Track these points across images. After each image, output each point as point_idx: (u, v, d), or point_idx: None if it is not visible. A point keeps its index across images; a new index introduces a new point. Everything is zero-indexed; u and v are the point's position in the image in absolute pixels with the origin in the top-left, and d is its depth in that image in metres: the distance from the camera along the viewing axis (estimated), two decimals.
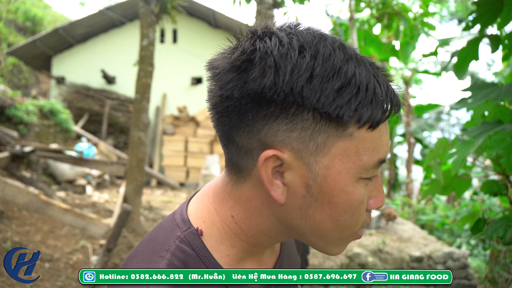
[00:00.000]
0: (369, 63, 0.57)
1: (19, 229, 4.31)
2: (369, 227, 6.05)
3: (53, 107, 8.27)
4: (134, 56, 5.61)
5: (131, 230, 5.11)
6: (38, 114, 7.86)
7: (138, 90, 5.45)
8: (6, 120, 6.98)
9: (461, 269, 5.03)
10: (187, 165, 10.48)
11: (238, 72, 0.54)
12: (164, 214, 6.34)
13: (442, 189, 2.55)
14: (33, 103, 7.93)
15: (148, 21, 5.52)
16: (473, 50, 2.29)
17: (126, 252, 4.62)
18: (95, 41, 11.87)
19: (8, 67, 12.78)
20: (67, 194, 6.38)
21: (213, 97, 0.58)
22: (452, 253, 5.05)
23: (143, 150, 5.39)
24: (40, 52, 11.47)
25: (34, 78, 14.44)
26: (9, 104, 7.00)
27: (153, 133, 11.11)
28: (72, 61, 11.76)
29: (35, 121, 7.38)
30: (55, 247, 4.24)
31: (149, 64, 5.49)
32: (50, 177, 7.12)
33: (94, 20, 11.09)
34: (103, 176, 7.99)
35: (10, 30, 14.50)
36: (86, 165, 5.71)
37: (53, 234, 4.47)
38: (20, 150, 5.25)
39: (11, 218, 4.43)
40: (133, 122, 5.43)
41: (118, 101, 11.17)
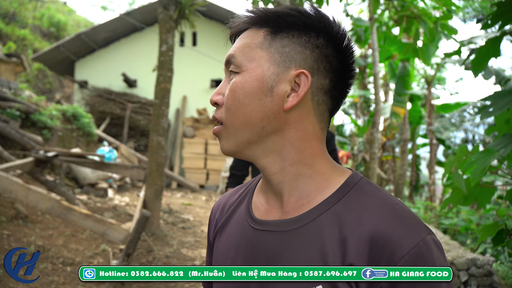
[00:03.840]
0: None
1: (43, 233, 4.42)
2: None
3: (76, 111, 8.45)
4: (155, 59, 5.68)
5: (150, 234, 5.17)
6: (61, 119, 8.04)
7: (157, 95, 5.51)
8: (31, 125, 7.18)
9: (485, 276, 4.89)
10: (207, 167, 10.55)
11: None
12: (183, 217, 6.40)
13: (464, 198, 2.47)
14: (56, 107, 8.12)
15: (167, 27, 5.58)
16: (494, 47, 2.24)
17: (146, 256, 4.68)
18: (117, 45, 12.09)
19: (33, 73, 13.14)
20: (89, 198, 6.51)
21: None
22: (476, 259, 4.91)
23: (162, 155, 5.45)
24: (64, 57, 11.75)
25: (58, 82, 14.80)
26: (34, 110, 7.20)
27: (173, 136, 11.23)
28: (95, 66, 12.01)
29: (58, 126, 7.56)
30: (77, 251, 4.33)
31: (168, 70, 5.55)
32: (73, 180, 7.29)
33: (115, 25, 11.29)
34: (124, 179, 8.12)
35: (35, 36, 14.90)
36: (107, 169, 5.82)
37: (75, 238, 4.57)
38: (43, 155, 5.38)
39: (35, 222, 4.55)
40: (153, 127, 5.50)
41: (139, 104, 11.34)
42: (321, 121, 0.71)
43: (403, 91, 11.26)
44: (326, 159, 0.72)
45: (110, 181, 7.62)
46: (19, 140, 6.12)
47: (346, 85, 0.73)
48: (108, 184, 7.40)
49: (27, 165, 5.17)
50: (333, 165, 0.72)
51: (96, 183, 7.04)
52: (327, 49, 0.69)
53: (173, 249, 4.96)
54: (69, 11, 25.09)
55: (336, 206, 0.65)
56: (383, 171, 16.08)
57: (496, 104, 2.05)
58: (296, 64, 0.68)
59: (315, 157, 0.70)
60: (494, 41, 2.23)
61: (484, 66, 2.43)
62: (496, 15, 2.15)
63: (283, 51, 0.68)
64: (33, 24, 15.87)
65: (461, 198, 2.52)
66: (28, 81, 12.59)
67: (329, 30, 0.69)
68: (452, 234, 6.99)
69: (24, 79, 12.35)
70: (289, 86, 0.67)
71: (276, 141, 0.69)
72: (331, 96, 0.71)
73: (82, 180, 7.14)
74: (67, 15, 21.07)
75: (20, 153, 6.16)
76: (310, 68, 0.68)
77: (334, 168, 0.72)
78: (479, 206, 2.42)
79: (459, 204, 2.52)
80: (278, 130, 0.69)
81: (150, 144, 5.51)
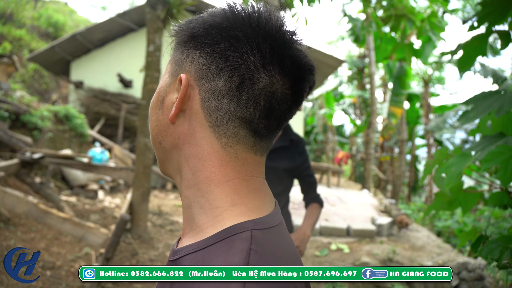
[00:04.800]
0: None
1: (24, 236, 4.36)
2: (381, 234, 5.88)
3: (68, 112, 8.40)
4: None
5: (137, 236, 5.10)
6: (53, 120, 7.99)
7: (144, 96, 5.44)
8: (21, 126, 7.12)
9: (476, 280, 4.80)
10: None
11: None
12: (172, 219, 6.33)
13: (448, 204, 2.38)
14: (48, 108, 8.07)
15: (155, 27, 5.51)
16: (481, 45, 2.15)
17: (129, 260, 4.61)
18: (112, 46, 12.04)
19: (29, 73, 13.11)
20: (78, 199, 6.45)
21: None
22: (467, 263, 4.82)
23: (149, 157, 5.39)
24: (59, 57, 11.71)
25: (54, 83, 14.78)
26: (24, 110, 7.14)
27: None
28: (90, 66, 11.96)
29: (49, 127, 7.50)
30: (58, 255, 4.27)
31: (155, 70, 5.48)
32: (63, 182, 7.23)
33: (111, 25, 11.25)
34: (117, 180, 8.06)
35: (32, 37, 14.88)
36: (95, 171, 5.76)
37: (58, 241, 4.51)
38: (29, 157, 5.33)
39: (17, 225, 4.49)
40: (140, 128, 5.44)
41: (134, 104, 11.29)
42: (220, 134, 0.58)
43: (400, 91, 11.18)
44: (226, 188, 0.58)
45: (101, 182, 7.55)
46: (7, 142, 6.06)
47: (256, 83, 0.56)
48: (99, 186, 7.34)
49: (12, 167, 5.11)
50: (233, 200, 0.57)
51: (86, 184, 6.98)
52: (220, 43, 0.57)
53: (158, 252, 4.89)
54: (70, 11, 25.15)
55: (199, 253, 0.55)
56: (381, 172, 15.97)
57: (478, 108, 1.96)
58: (183, 70, 0.60)
59: (210, 183, 0.58)
60: (481, 38, 2.15)
61: (471, 65, 2.35)
62: (482, 16, 2.07)
63: (177, 60, 0.62)
64: (32, 24, 15.86)
65: (445, 203, 2.43)
66: (24, 82, 12.56)
67: (224, 22, 0.57)
68: (447, 236, 6.90)
69: (20, 80, 12.32)
70: (176, 95, 0.60)
71: (176, 159, 0.62)
72: (232, 100, 0.56)
73: (72, 181, 7.09)
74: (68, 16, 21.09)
75: (8, 155, 6.11)
76: (197, 71, 0.58)
77: (232, 204, 0.57)
78: (463, 211, 2.32)
79: (443, 209, 2.43)
80: (175, 145, 0.61)
81: (137, 146, 5.45)
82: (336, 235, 5.74)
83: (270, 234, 0.56)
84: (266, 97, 0.57)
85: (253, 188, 0.60)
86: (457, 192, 2.36)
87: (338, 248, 5.22)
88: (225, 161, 0.58)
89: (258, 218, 0.56)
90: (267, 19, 0.57)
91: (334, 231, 5.75)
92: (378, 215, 6.62)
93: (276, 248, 0.55)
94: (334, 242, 5.39)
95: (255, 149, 0.60)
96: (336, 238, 5.65)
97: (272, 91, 0.57)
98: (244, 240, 0.52)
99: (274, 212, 0.61)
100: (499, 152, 1.87)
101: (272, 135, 0.61)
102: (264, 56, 0.56)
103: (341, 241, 5.49)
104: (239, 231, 0.54)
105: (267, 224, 0.56)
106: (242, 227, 0.54)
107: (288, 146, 1.90)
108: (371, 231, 5.75)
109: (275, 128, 0.61)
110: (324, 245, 5.37)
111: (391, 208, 6.64)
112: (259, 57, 0.56)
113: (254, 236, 0.53)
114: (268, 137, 0.61)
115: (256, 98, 0.56)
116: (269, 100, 0.57)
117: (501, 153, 1.87)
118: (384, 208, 7.05)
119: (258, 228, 0.54)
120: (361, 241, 5.55)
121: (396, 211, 6.32)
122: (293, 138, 1.94)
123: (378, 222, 5.97)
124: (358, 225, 5.90)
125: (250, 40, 0.56)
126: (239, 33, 0.56)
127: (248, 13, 0.58)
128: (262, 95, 0.56)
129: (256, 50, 0.56)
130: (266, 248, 0.53)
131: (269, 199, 0.62)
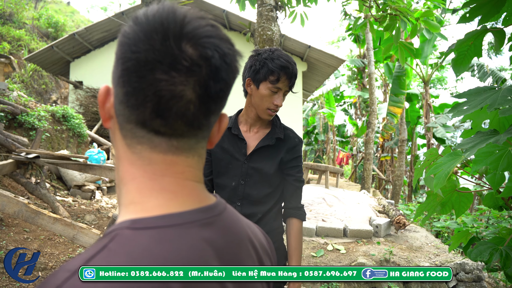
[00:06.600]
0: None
1: (17, 236, 4.33)
2: (378, 235, 5.82)
3: (66, 112, 8.37)
4: None
5: None
6: (51, 120, 7.97)
7: None
8: (18, 126, 7.11)
9: (474, 282, 4.75)
10: None
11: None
12: None
13: (440, 206, 2.29)
14: (45, 108, 8.05)
15: None
16: (476, 45, 2.07)
17: None
18: (112, 46, 12.03)
19: (28, 73, 13.11)
20: (75, 200, 6.43)
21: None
22: (464, 264, 4.77)
23: None
24: (58, 57, 11.71)
25: (54, 83, 14.78)
26: (21, 111, 7.12)
27: None
28: (89, 66, 11.96)
29: (46, 127, 7.48)
30: (51, 255, 4.23)
31: None
32: (60, 182, 7.21)
33: (110, 25, 11.23)
34: (114, 181, 8.03)
35: (32, 37, 14.88)
36: (90, 171, 5.73)
37: (51, 241, 4.48)
38: (24, 157, 5.30)
39: (10, 226, 4.46)
40: None
41: None
42: (125, 136, 0.58)
43: (399, 91, 11.12)
44: (130, 187, 0.58)
45: (99, 182, 7.53)
46: (3, 142, 6.04)
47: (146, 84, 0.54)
48: (96, 186, 7.31)
49: (6, 167, 5.08)
50: (133, 199, 0.58)
51: (83, 184, 6.95)
52: (121, 50, 0.56)
53: None
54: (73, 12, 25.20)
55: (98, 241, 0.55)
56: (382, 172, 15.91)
57: (471, 102, 1.89)
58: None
59: (122, 181, 0.60)
60: (475, 38, 2.07)
61: (466, 65, 2.28)
62: (474, 8, 1.97)
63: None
64: (32, 24, 15.87)
65: (437, 205, 2.35)
66: (23, 82, 12.56)
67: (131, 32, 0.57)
68: (446, 237, 6.83)
69: (19, 80, 12.32)
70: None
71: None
72: (123, 104, 0.56)
73: (69, 181, 7.07)
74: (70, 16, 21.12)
75: (4, 155, 6.08)
76: (116, 79, 0.57)
77: (131, 202, 0.58)
78: (457, 214, 2.23)
79: (435, 212, 2.34)
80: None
81: None
82: (332, 235, 5.69)
83: (147, 234, 0.53)
84: (154, 96, 0.54)
85: (160, 188, 0.58)
86: (450, 193, 2.28)
87: (334, 249, 5.18)
88: (132, 161, 0.59)
89: (143, 217, 0.55)
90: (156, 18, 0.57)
91: (330, 231, 5.71)
92: (376, 216, 6.57)
93: (141, 248, 0.52)
94: (330, 243, 5.35)
95: (163, 148, 0.58)
96: (333, 238, 5.60)
97: (160, 89, 0.53)
98: (108, 238, 0.52)
99: (185, 213, 0.57)
100: (489, 151, 1.80)
101: (190, 134, 0.58)
102: (153, 56, 0.53)
103: (338, 242, 5.44)
104: (116, 229, 0.54)
105: (151, 224, 0.54)
106: (120, 226, 0.54)
107: (271, 145, 1.82)
108: (368, 232, 5.70)
109: (188, 127, 0.57)
110: (321, 245, 5.32)
111: (389, 209, 6.59)
112: (146, 57, 0.53)
113: (119, 234, 0.52)
114: (184, 135, 0.58)
115: (143, 99, 0.54)
116: (158, 100, 0.54)
117: (491, 152, 1.80)
118: (383, 208, 6.99)
119: (134, 227, 0.53)
120: (358, 241, 5.51)
121: (394, 212, 6.26)
122: (279, 137, 1.83)
123: (375, 223, 5.92)
124: (355, 226, 5.85)
125: (142, 43, 0.54)
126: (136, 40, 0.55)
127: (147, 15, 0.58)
128: (150, 95, 0.54)
129: (148, 51, 0.54)
130: (126, 248, 0.51)
131: (183, 199, 0.59)
